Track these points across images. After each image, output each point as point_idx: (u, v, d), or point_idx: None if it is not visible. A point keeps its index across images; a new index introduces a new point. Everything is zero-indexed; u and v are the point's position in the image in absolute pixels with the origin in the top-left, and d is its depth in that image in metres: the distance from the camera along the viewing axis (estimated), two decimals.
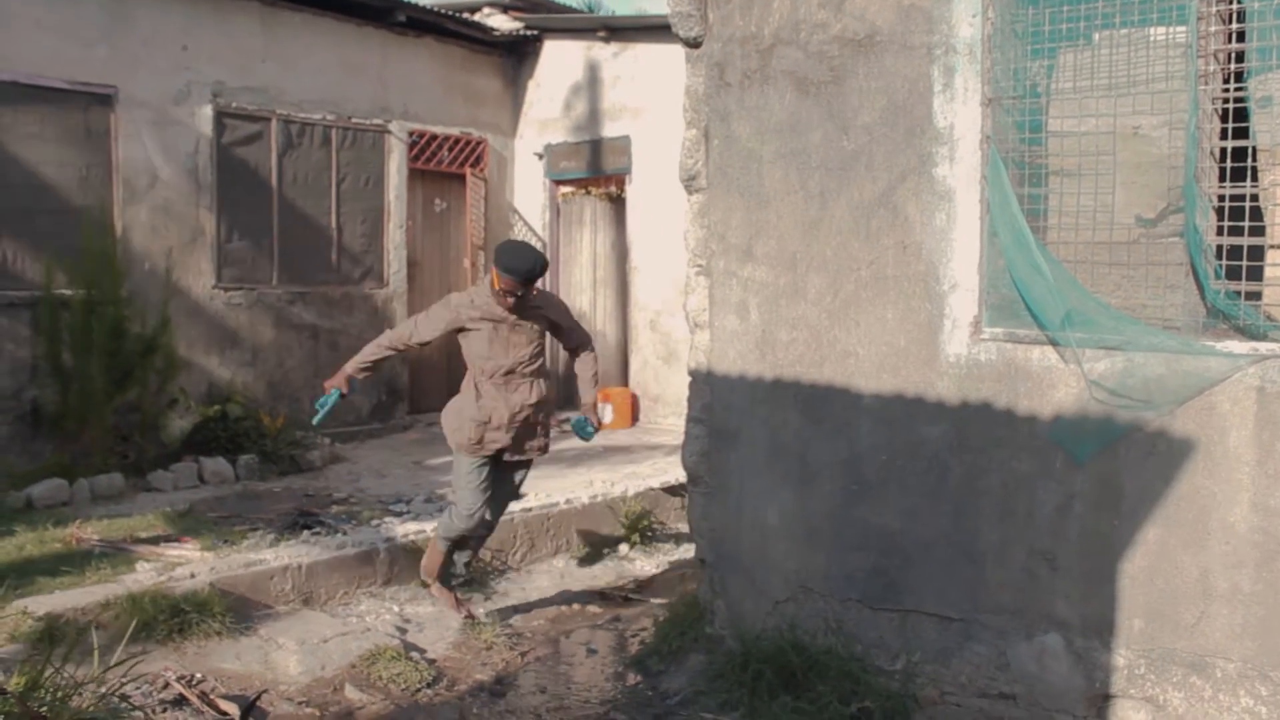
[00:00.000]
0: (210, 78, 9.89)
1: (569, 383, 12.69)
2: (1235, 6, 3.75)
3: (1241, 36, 3.76)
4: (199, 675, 5.02)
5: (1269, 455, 3.71)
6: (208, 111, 9.88)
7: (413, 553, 6.53)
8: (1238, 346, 3.77)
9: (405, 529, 6.86)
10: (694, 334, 5.27)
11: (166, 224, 9.62)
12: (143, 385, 8.80)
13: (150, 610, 5.28)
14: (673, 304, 10.89)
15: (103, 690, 3.80)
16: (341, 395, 5.91)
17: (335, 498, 8.16)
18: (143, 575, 5.74)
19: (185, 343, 9.52)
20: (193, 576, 5.74)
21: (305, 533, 6.85)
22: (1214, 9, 3.76)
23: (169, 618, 5.30)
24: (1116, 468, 4.01)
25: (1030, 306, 4.11)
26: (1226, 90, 3.80)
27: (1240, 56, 3.79)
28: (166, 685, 4.85)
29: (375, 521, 7.12)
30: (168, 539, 6.66)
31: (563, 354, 6.79)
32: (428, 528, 6.77)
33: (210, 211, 9.93)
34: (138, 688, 4.61)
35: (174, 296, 9.36)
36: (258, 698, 4.87)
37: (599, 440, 8.34)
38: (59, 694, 3.57)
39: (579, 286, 12.67)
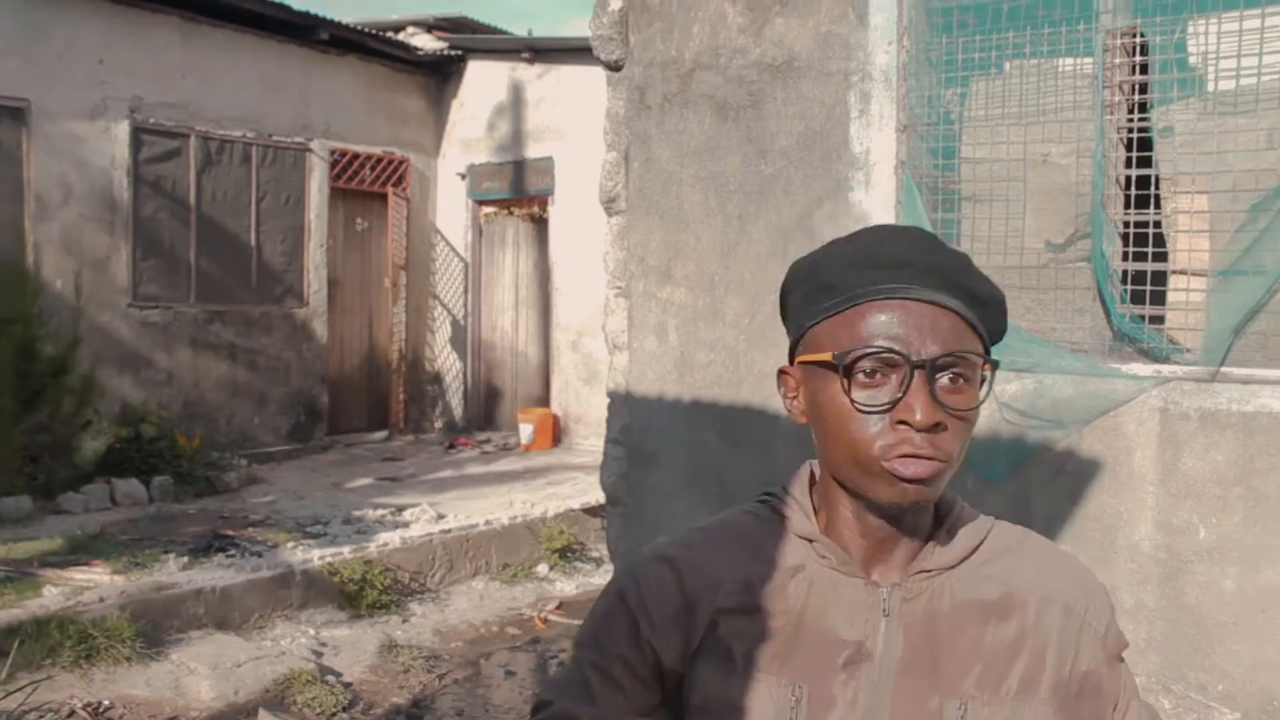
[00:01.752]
0: (128, 92, 9.74)
1: (490, 400, 12.65)
2: (1139, 40, 3.86)
3: (1145, 69, 3.87)
4: (106, 702, 4.91)
5: (1171, 474, 3.81)
6: (124, 127, 9.72)
7: (329, 576, 6.45)
8: (1142, 369, 3.87)
9: (322, 552, 6.77)
10: (613, 355, 5.28)
11: (80, 241, 9.43)
12: (54, 406, 8.61)
13: (56, 635, 5.16)
14: (594, 325, 10.90)
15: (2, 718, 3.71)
16: None
17: (251, 520, 8.04)
18: (49, 599, 5.61)
19: (99, 362, 9.32)
20: (102, 600, 5.62)
21: (220, 555, 6.73)
22: (1119, 42, 3.87)
23: (76, 643, 5.18)
24: (1026, 487, 4.09)
25: None
26: (1131, 120, 3.90)
27: (1144, 88, 3.90)
28: (72, 713, 4.73)
29: (292, 544, 7.02)
30: (76, 562, 6.51)
31: (485, 369, 6.71)
32: (345, 550, 6.69)
33: (126, 229, 9.76)
34: (41, 716, 4.50)
35: (87, 315, 9.17)
36: None
37: (520, 461, 8.32)
38: None
39: (501, 307, 12.65)
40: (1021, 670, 1.28)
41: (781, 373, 1.35)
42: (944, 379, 1.20)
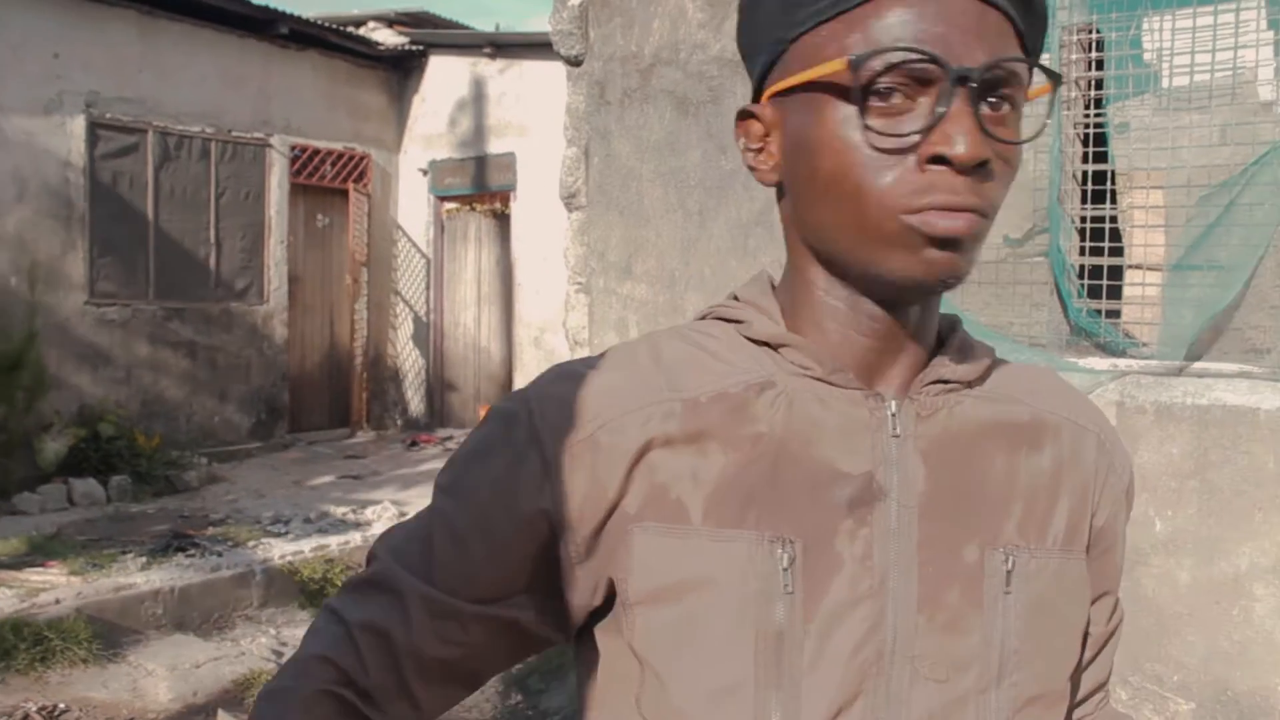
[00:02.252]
0: (84, 87, 9.62)
1: (452, 396, 12.60)
2: (1095, 36, 3.89)
3: (1101, 65, 3.89)
4: (62, 705, 4.85)
5: None
6: (81, 122, 9.60)
7: (290, 574, 6.40)
8: (1099, 363, 3.89)
9: (283, 550, 6.72)
10: (574, 351, 5.27)
11: (35, 238, 9.31)
12: (8, 404, 8.50)
13: (11, 638, 5.09)
14: (557, 321, 10.87)
15: None
16: None
17: (212, 519, 7.97)
18: (3, 602, 5.53)
19: (55, 360, 9.21)
20: (58, 602, 5.55)
21: (179, 555, 6.67)
22: (1075, 37, 3.89)
23: (31, 645, 5.12)
24: None
25: None
26: (1087, 116, 3.93)
27: (1100, 84, 3.93)
28: (26, 717, 4.68)
29: (252, 543, 6.97)
30: (32, 564, 6.43)
31: (447, 366, 6.68)
32: (306, 548, 6.64)
33: (83, 225, 9.64)
34: None
35: (43, 312, 9.07)
36: None
37: None
38: None
39: (463, 303, 12.60)
40: (1067, 513, 0.99)
41: (742, 118, 0.97)
42: (990, 102, 0.86)
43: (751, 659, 0.88)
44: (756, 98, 0.97)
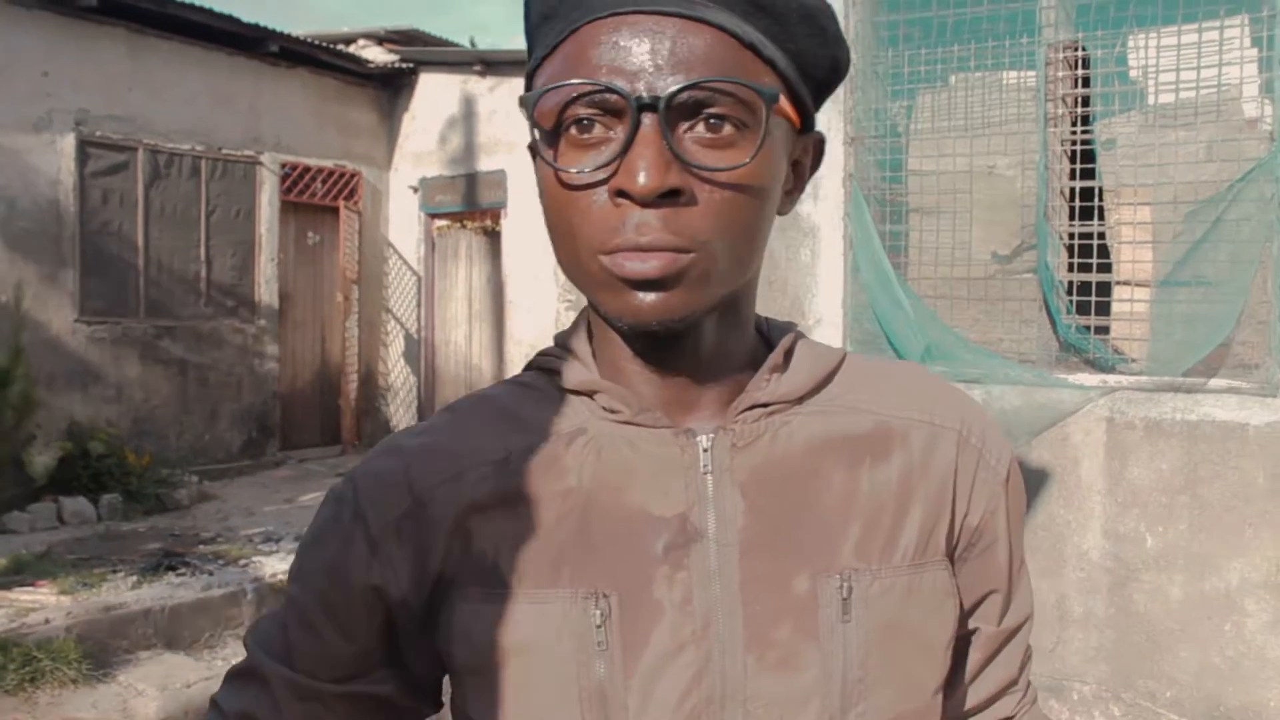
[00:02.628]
0: (73, 105, 9.62)
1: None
2: (1080, 54, 3.91)
3: (1087, 82, 3.92)
4: None
5: (1118, 484, 3.85)
6: (70, 140, 9.59)
7: (281, 593, 6.38)
8: (1088, 379, 3.91)
9: (274, 568, 6.70)
10: None
11: (25, 255, 9.29)
12: None
13: (0, 659, 5.07)
14: (548, 338, 10.81)
15: None
16: None
17: (203, 537, 7.94)
18: None
19: (45, 378, 9.18)
20: (47, 622, 5.53)
21: (169, 574, 6.64)
22: (1061, 55, 3.92)
23: (20, 666, 5.09)
24: None
25: (892, 341, 4.21)
26: (1074, 133, 3.95)
27: (1086, 101, 3.95)
28: None
29: (244, 561, 6.95)
30: (22, 583, 6.40)
31: (439, 383, 6.67)
32: None
33: (73, 243, 9.62)
34: None
35: (33, 330, 9.04)
36: None
37: None
38: None
39: (454, 320, 12.60)
40: (919, 522, 0.93)
41: (532, 151, 0.91)
42: (696, 126, 0.80)
43: (579, 718, 0.87)
44: None
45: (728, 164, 0.80)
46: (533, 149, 0.89)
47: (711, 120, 0.80)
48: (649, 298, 0.80)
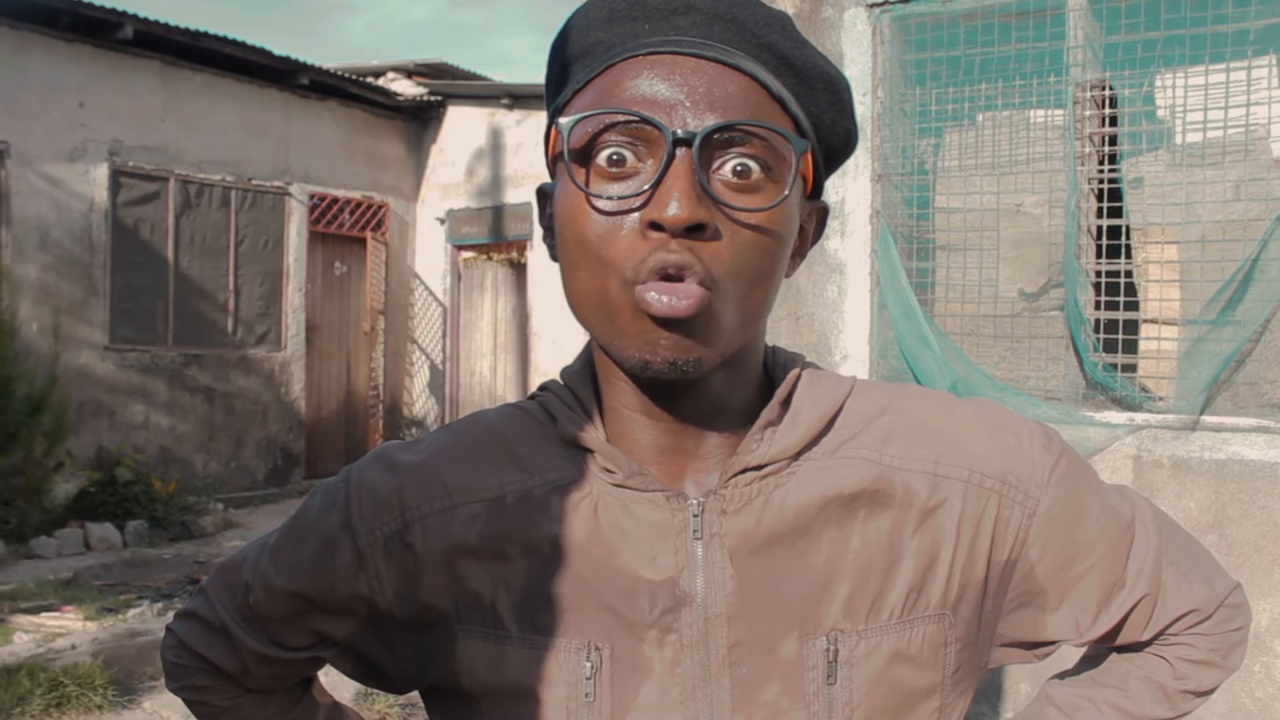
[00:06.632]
0: (107, 136, 9.75)
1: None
2: (1108, 93, 3.93)
3: (1114, 121, 3.93)
4: None
5: None
6: (104, 170, 9.72)
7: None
8: (1115, 417, 3.90)
9: None
10: None
11: (58, 283, 9.41)
12: (28, 447, 8.54)
13: (26, 684, 5.09)
14: None
15: None
16: None
17: None
18: (20, 647, 5.54)
19: (75, 404, 9.27)
20: (74, 648, 5.55)
21: None
22: (1089, 94, 3.93)
23: (47, 691, 5.11)
24: None
25: (918, 377, 4.21)
26: (1102, 171, 3.96)
27: (1114, 140, 3.97)
28: None
29: None
30: (48, 608, 6.45)
31: (463, 414, 6.64)
32: None
33: (104, 271, 9.74)
34: None
35: (64, 357, 9.13)
36: None
37: None
38: None
39: (480, 351, 12.65)
40: (908, 578, 0.91)
41: (540, 196, 0.96)
42: (726, 165, 0.83)
43: None
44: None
45: (753, 206, 0.82)
46: (541, 193, 0.94)
47: (739, 164, 0.82)
48: (670, 336, 0.81)
